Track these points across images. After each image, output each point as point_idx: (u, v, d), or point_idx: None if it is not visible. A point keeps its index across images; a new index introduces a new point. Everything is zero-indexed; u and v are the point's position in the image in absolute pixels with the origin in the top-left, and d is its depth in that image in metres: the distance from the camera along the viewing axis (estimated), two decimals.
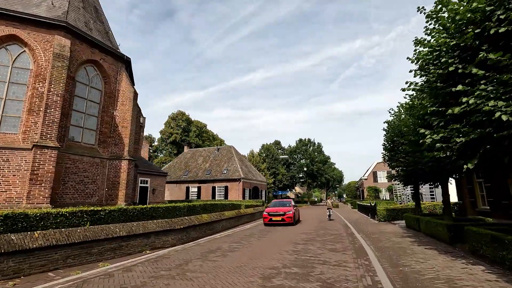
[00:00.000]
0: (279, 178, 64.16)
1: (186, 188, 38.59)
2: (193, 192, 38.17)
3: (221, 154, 41.22)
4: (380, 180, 49.01)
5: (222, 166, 38.60)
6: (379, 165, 49.27)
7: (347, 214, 30.84)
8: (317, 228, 15.18)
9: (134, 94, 13.20)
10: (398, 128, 13.81)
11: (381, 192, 48.41)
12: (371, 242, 10.32)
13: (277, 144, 76.86)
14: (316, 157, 70.67)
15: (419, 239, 10.88)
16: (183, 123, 65.55)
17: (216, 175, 37.50)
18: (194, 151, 45.19)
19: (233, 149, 41.34)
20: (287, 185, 68.52)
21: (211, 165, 39.84)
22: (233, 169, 37.25)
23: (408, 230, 13.54)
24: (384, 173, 48.97)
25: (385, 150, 16.56)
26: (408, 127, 10.99)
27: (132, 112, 12.99)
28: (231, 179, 35.81)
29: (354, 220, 21.86)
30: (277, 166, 65.61)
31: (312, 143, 74.53)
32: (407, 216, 14.60)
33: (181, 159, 44.12)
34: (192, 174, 39.45)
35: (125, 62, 13.86)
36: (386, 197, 47.99)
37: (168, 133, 63.45)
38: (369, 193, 48.39)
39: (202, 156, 42.62)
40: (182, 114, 66.83)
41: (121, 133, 12.72)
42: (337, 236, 11.97)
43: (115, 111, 13.01)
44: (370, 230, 14.27)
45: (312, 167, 69.27)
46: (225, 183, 36.29)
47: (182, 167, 41.94)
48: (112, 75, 13.17)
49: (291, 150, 73.52)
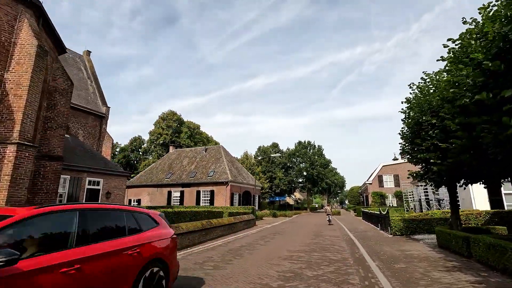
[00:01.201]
0: (276, 182, 59.61)
1: (168, 193, 34.16)
2: (176, 197, 33.75)
3: (209, 155, 36.87)
4: (386, 184, 44.43)
5: (208, 168, 34.21)
6: (385, 168, 44.78)
7: (351, 223, 26.31)
8: (310, 249, 10.72)
9: (37, 49, 8.92)
10: (429, 102, 9.44)
11: (387, 198, 43.80)
12: (401, 284, 5.88)
13: (275, 147, 72.48)
14: (317, 160, 66.03)
15: (480, 275, 6.43)
16: (173, 124, 61.36)
17: (201, 177, 33.09)
18: (180, 152, 40.86)
19: (222, 149, 36.99)
20: (285, 190, 63.91)
21: (197, 166, 35.46)
22: (221, 171, 32.86)
23: (447, 254, 9.07)
24: (391, 177, 44.42)
25: (404, 139, 12.19)
26: (458, 87, 6.61)
27: (32, 75, 8.70)
28: (218, 182, 31.39)
29: (360, 232, 17.39)
30: (274, 170, 61.14)
31: (312, 145, 69.99)
32: (442, 231, 10.12)
33: (165, 161, 39.77)
34: (175, 177, 35.04)
35: (31, 6, 9.63)
36: (393, 203, 43.38)
37: (157, 134, 59.21)
38: (374, 199, 43.79)
39: (188, 157, 38.28)
40: (173, 114, 62.70)
41: (12, 104, 8.43)
42: (340, 267, 7.51)
43: (6, 73, 8.74)
44: (388, 252, 9.80)
45: (312, 171, 64.64)
46: (211, 186, 31.87)
47: (165, 169, 37.56)
48: (5, 21, 8.95)
49: (290, 153, 69.00)
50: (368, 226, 22.40)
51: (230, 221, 17.01)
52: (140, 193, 35.99)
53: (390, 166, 44.82)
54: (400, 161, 45.03)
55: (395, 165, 44.62)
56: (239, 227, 18.72)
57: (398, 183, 43.72)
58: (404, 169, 44.96)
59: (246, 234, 16.49)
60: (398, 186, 43.59)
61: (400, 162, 44.68)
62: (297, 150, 69.01)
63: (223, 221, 15.97)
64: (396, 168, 44.41)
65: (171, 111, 62.98)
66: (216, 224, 14.38)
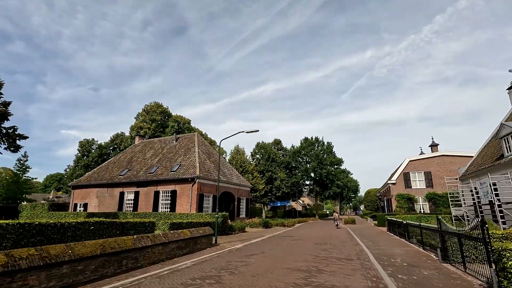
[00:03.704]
0: (276, 184, 50.06)
1: (120, 194, 25.38)
2: (129, 200, 24.92)
3: (179, 145, 28.02)
4: (414, 184, 34.31)
5: (174, 161, 25.31)
6: (412, 164, 34.75)
7: (374, 240, 16.78)
8: None
9: None
10: None
11: (417, 201, 33.66)
12: None
13: (277, 144, 63.13)
14: (326, 159, 56.06)
15: None
16: (158, 117, 53.08)
17: (162, 173, 24.19)
18: (147, 143, 32.15)
19: (196, 137, 28.06)
20: (288, 193, 54.17)
21: (161, 160, 26.63)
22: (188, 164, 23.90)
23: None
24: (421, 175, 34.31)
25: None
26: None
27: None
28: (182, 180, 22.43)
29: (404, 267, 8.02)
30: (275, 170, 51.62)
31: (321, 142, 60.07)
32: None
33: (127, 154, 31.13)
34: (131, 174, 26.27)
35: None
36: (425, 209, 33.26)
37: (138, 127, 50.97)
38: (400, 203, 33.74)
39: (153, 149, 29.53)
40: (158, 105, 54.50)
41: None
42: None
43: None
44: None
45: (320, 171, 54.75)
46: (173, 185, 22.92)
47: (123, 164, 28.89)
48: None
49: (295, 151, 59.40)
50: (408, 248, 12.83)
51: (137, 244, 7.91)
52: (88, 195, 27.39)
53: (420, 161, 34.78)
54: (432, 155, 34.96)
55: (427, 160, 34.57)
56: (168, 253, 9.60)
57: (431, 182, 33.62)
58: (439, 164, 34.77)
59: (164, 271, 7.34)
60: (431, 186, 33.49)
61: (432, 156, 34.61)
62: (303, 148, 59.32)
63: (126, 244, 6.99)
64: (427, 164, 34.36)
65: (156, 103, 54.82)
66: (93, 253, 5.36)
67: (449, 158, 33.76)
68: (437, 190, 32.94)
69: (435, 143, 38.42)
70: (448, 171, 33.07)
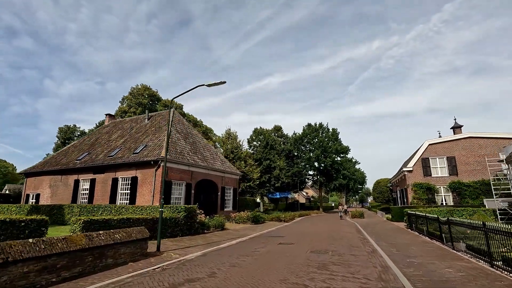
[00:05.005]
0: (275, 173, 45.04)
1: (75, 183, 20.69)
2: (84, 190, 20.23)
3: (152, 124, 23.11)
4: (435, 172, 28.97)
5: (140, 142, 20.45)
6: (432, 148, 29.36)
7: (396, 245, 11.77)
8: None
9: None
10: None
11: (438, 192, 28.36)
12: None
13: (278, 130, 57.97)
14: (330, 146, 50.72)
15: None
16: (145, 100, 48.26)
17: (123, 156, 19.36)
18: (117, 123, 27.31)
19: (171, 114, 23.00)
20: (289, 184, 49.12)
21: (126, 141, 21.80)
22: (155, 144, 19.02)
23: None
24: (443, 161, 28.93)
25: None
26: None
27: None
28: (144, 163, 17.58)
29: None
30: (274, 158, 46.52)
31: (325, 129, 54.58)
32: None
33: (93, 136, 26.36)
34: (89, 158, 21.51)
35: None
36: (447, 201, 28.03)
37: (122, 112, 46.25)
38: (417, 194, 28.50)
39: (122, 129, 24.68)
40: (146, 88, 49.62)
41: None
42: None
43: None
44: None
45: (324, 159, 49.54)
46: (134, 170, 18.10)
47: (84, 148, 24.12)
48: None
49: (296, 138, 54.18)
50: (462, 263, 7.76)
51: None
52: (41, 184, 22.79)
53: (442, 144, 29.39)
54: (456, 137, 29.45)
55: (450, 143, 29.14)
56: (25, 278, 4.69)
57: (456, 169, 28.24)
58: (465, 148, 29.28)
59: None
60: (455, 174, 28.14)
61: (457, 138, 29.11)
62: (306, 135, 53.98)
63: None
64: (451, 148, 28.97)
65: (144, 85, 49.90)
66: None
67: (477, 140, 28.20)
68: (463, 178, 27.57)
69: (458, 124, 32.60)
70: (476, 155, 27.68)
